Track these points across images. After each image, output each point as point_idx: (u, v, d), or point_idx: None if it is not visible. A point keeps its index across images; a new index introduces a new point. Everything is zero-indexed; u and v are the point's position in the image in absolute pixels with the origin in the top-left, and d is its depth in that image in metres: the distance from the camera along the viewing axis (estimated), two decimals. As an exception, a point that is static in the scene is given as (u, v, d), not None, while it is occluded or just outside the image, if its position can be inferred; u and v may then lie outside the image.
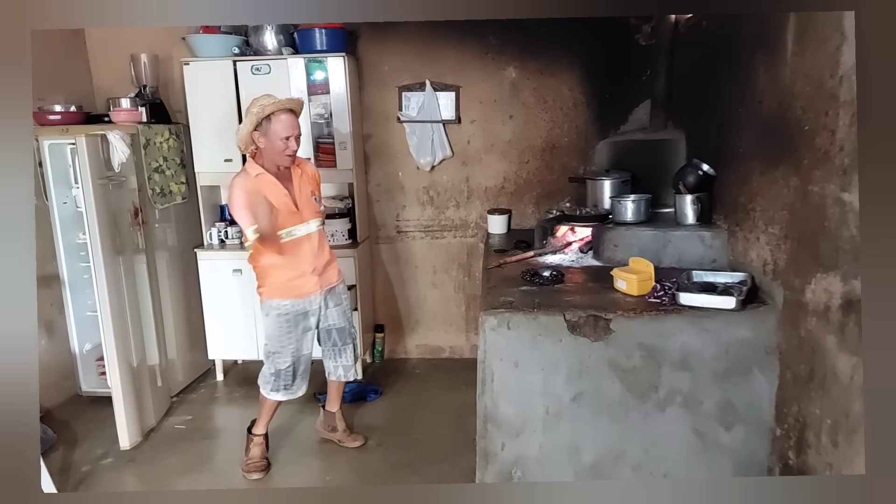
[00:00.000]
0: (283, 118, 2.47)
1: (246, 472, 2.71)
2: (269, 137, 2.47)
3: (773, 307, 1.97)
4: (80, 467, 2.80)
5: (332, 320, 2.75)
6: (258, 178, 2.51)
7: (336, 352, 2.81)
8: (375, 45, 3.65)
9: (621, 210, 2.63)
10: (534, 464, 2.09)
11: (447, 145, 3.71)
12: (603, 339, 1.99)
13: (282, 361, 2.65)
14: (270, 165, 2.55)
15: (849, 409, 1.56)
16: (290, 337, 2.64)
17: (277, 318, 2.62)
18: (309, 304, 2.66)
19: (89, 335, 3.39)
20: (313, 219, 2.64)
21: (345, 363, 2.84)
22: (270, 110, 2.45)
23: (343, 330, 2.80)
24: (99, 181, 2.78)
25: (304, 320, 2.66)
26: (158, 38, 3.64)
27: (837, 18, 1.58)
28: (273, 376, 2.67)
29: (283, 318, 2.62)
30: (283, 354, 2.64)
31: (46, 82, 3.37)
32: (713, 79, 2.58)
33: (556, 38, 3.57)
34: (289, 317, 2.62)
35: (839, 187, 1.58)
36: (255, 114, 2.45)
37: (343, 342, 2.81)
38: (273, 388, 2.69)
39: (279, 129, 2.46)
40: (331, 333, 2.77)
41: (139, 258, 3.11)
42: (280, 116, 2.46)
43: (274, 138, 2.47)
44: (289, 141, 2.48)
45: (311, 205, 2.64)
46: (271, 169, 2.55)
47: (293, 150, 2.51)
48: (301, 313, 2.64)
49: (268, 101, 2.48)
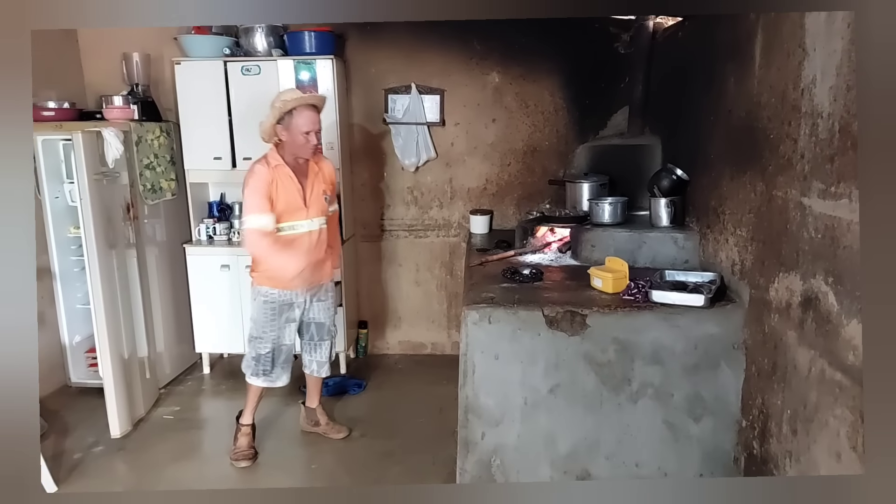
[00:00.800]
0: (306, 113, 2.54)
1: (234, 461, 2.77)
2: (291, 131, 2.54)
3: (740, 305, 2.08)
4: (72, 455, 2.84)
5: (314, 314, 2.82)
6: (276, 169, 2.58)
7: (312, 346, 2.88)
8: (363, 49, 3.73)
9: (599, 212, 2.74)
10: (512, 452, 2.18)
11: (431, 147, 3.80)
12: (579, 334, 2.09)
13: (262, 346, 2.72)
14: (290, 158, 2.62)
15: (806, 399, 1.67)
16: (273, 325, 2.71)
17: (263, 305, 2.69)
18: (295, 297, 2.72)
19: (79, 327, 3.42)
20: (318, 217, 2.71)
21: (318, 359, 2.90)
22: (292, 105, 2.52)
23: (322, 326, 2.86)
24: (94, 176, 2.81)
25: (289, 311, 2.73)
26: (150, 38, 3.67)
27: (800, 35, 1.70)
28: (254, 360, 2.74)
29: (269, 306, 2.69)
30: (264, 340, 2.72)
31: (39, 79, 3.37)
32: (688, 87, 2.70)
33: (539, 45, 3.67)
34: (274, 305, 2.69)
35: (800, 192, 1.70)
36: (278, 108, 2.53)
37: (320, 338, 2.87)
38: (253, 373, 2.76)
39: (300, 123, 2.53)
40: (310, 327, 2.84)
41: (130, 252, 3.15)
42: (302, 112, 2.53)
43: (295, 132, 2.54)
44: (309, 136, 2.55)
45: (320, 203, 2.71)
46: (290, 161, 2.62)
47: (314, 143, 2.58)
48: (286, 304, 2.71)
49: (290, 95, 2.56)
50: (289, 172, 2.60)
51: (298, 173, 2.64)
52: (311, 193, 2.68)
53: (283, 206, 2.59)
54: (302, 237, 2.67)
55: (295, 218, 2.63)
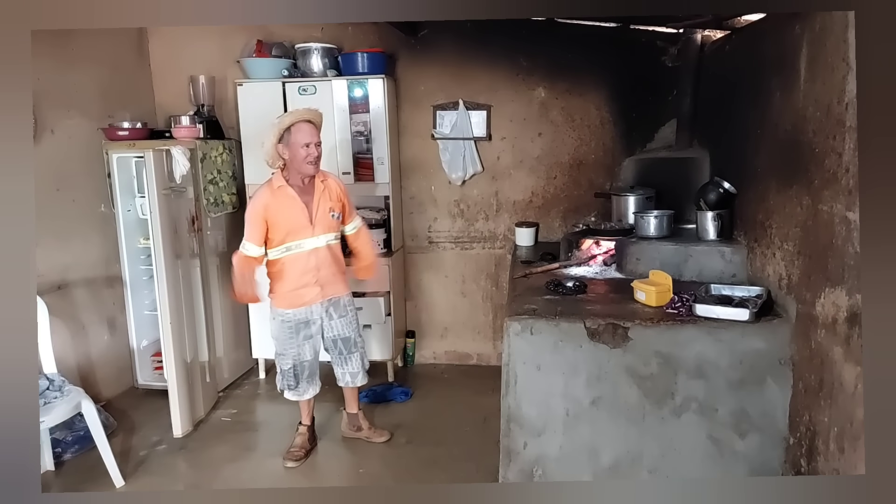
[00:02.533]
0: (303, 127, 2.64)
1: (284, 459, 2.90)
2: (291, 147, 2.63)
3: (787, 320, 2.05)
4: (138, 452, 3.04)
5: (337, 331, 2.90)
6: (278, 191, 2.69)
7: (342, 360, 2.97)
8: (412, 67, 3.86)
9: (644, 225, 2.74)
10: (554, 463, 2.20)
11: (478, 161, 3.87)
12: (621, 347, 2.11)
13: (284, 363, 2.85)
14: (295, 178, 2.72)
15: (853, 416, 1.65)
16: (292, 342, 2.82)
17: (281, 324, 2.81)
18: (310, 314, 2.82)
19: (146, 332, 3.65)
20: (325, 234, 2.79)
21: (351, 370, 2.98)
22: (289, 121, 2.65)
23: (348, 340, 2.93)
24: (163, 191, 3.03)
25: (306, 328, 2.83)
26: (214, 60, 3.92)
27: (843, 49, 1.69)
28: (280, 376, 2.89)
29: (286, 325, 2.81)
30: (285, 357, 2.84)
31: (115, 101, 3.67)
32: (735, 100, 2.68)
33: (585, 60, 3.71)
34: (290, 324, 2.80)
35: (845, 206, 1.68)
36: (275, 125, 2.66)
37: (349, 351, 2.95)
38: (281, 387, 2.92)
39: (299, 137, 2.62)
40: (336, 343, 2.93)
41: (194, 262, 3.36)
42: (299, 125, 2.64)
43: (295, 147, 2.63)
44: (309, 147, 2.63)
45: (327, 221, 2.78)
46: (296, 182, 2.72)
47: (314, 156, 2.65)
48: (302, 322, 2.82)
49: (286, 115, 2.71)
50: (291, 193, 2.70)
51: (304, 193, 2.73)
52: (317, 212, 2.75)
53: (288, 226, 2.69)
54: (308, 255, 2.76)
55: (301, 236, 2.72)
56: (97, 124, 3.50)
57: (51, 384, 2.64)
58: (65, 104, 3.31)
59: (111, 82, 3.65)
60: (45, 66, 3.17)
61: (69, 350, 3.26)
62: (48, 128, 3.20)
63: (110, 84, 3.64)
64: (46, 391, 2.60)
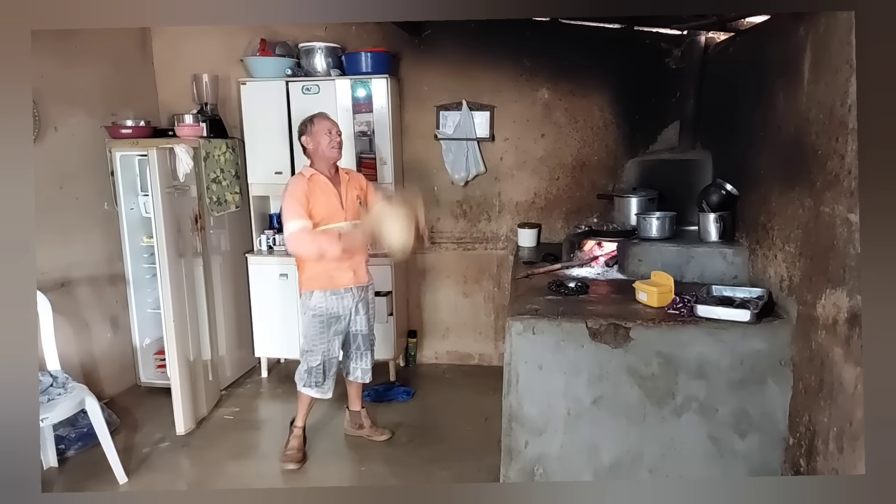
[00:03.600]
0: (323, 118, 2.84)
1: (282, 463, 2.90)
2: (315, 136, 2.80)
3: (788, 321, 2.06)
4: (141, 449, 3.06)
5: (360, 326, 2.97)
6: (312, 179, 2.79)
7: (359, 355, 3.03)
8: (416, 67, 3.87)
9: (646, 226, 2.75)
10: (555, 462, 2.22)
11: (481, 162, 3.89)
12: (622, 347, 2.12)
13: (313, 359, 2.87)
14: (322, 167, 2.83)
15: (852, 416, 1.66)
16: (322, 337, 2.86)
17: (312, 319, 2.84)
18: (342, 307, 2.86)
19: (149, 330, 3.67)
20: (354, 219, 2.87)
21: (363, 366, 3.05)
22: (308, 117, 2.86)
23: (367, 336, 3.02)
24: (166, 190, 3.04)
25: (336, 323, 2.87)
26: (218, 59, 3.93)
27: (846, 52, 1.70)
28: (306, 373, 2.90)
29: (318, 319, 2.84)
30: (315, 353, 2.87)
31: (119, 99, 3.69)
32: (738, 102, 2.69)
33: (588, 62, 3.72)
34: (322, 318, 2.84)
35: (846, 208, 1.69)
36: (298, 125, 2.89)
37: (366, 347, 3.03)
38: (306, 384, 2.92)
39: (320, 127, 2.80)
40: (356, 338, 2.99)
41: (197, 261, 3.37)
42: (320, 118, 2.84)
43: (319, 135, 2.79)
44: (332, 134, 2.80)
45: (355, 207, 2.90)
46: (323, 171, 2.83)
47: (337, 141, 2.82)
48: (333, 316, 2.86)
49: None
50: (324, 180, 2.82)
51: (333, 182, 2.85)
52: (347, 198, 2.87)
53: (324, 211, 2.77)
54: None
55: (335, 220, 2.81)
56: (100, 122, 3.51)
57: (54, 381, 2.66)
58: (68, 102, 3.32)
59: (115, 80, 3.67)
60: (48, 64, 3.18)
61: (73, 347, 3.28)
62: (51, 125, 3.21)
63: (114, 82, 3.66)
64: (50, 388, 2.61)
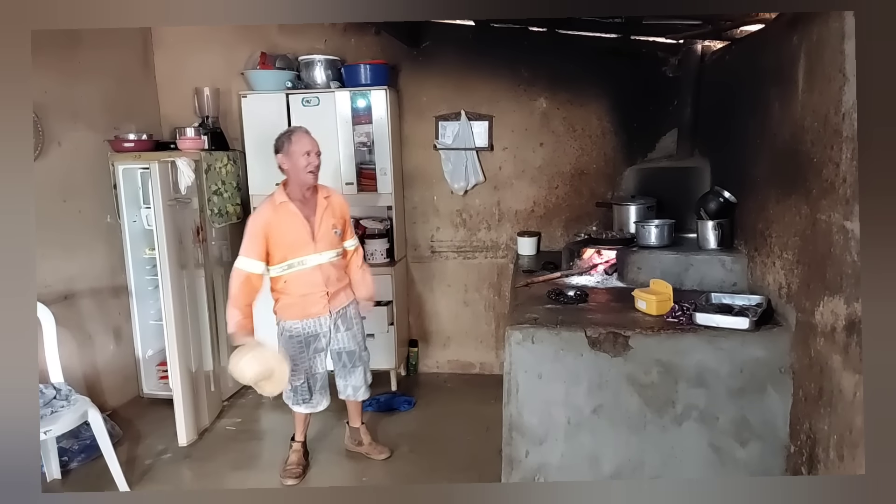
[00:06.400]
0: (303, 136, 2.65)
1: (282, 478, 2.87)
2: (291, 157, 2.62)
3: (787, 328, 2.07)
4: (144, 460, 3.06)
5: (342, 343, 2.87)
6: (280, 207, 2.65)
7: (346, 372, 2.94)
8: (415, 78, 3.90)
9: (645, 234, 2.76)
10: (556, 471, 2.21)
11: (480, 171, 3.90)
12: (622, 355, 2.12)
13: (296, 378, 2.79)
14: (296, 191, 2.68)
15: (852, 424, 1.66)
16: (303, 357, 2.79)
17: (290, 340, 2.78)
18: (319, 327, 2.79)
19: (151, 342, 3.68)
20: (328, 250, 2.75)
21: (354, 383, 2.96)
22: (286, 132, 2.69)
23: (353, 353, 2.91)
24: (168, 202, 3.07)
25: (315, 342, 2.80)
26: (219, 73, 3.97)
27: (840, 60, 1.72)
28: (292, 392, 2.85)
29: (295, 340, 2.78)
30: (297, 373, 2.79)
31: (121, 113, 3.72)
32: (735, 110, 2.70)
33: (586, 71, 3.74)
34: (300, 338, 2.78)
35: (842, 216, 1.70)
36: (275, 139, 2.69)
37: (353, 364, 2.93)
38: (294, 402, 2.88)
39: (298, 147, 2.62)
40: (341, 356, 2.91)
41: (199, 272, 3.39)
42: (300, 135, 2.65)
43: (296, 156, 2.62)
44: (310, 156, 2.62)
45: (329, 237, 2.75)
46: (297, 196, 2.68)
47: (315, 165, 2.64)
48: (312, 335, 2.79)
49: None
50: (293, 209, 2.66)
51: (305, 208, 2.70)
52: (320, 228, 2.72)
53: (290, 242, 2.66)
54: (312, 271, 2.72)
55: (303, 253, 2.69)
56: (103, 136, 3.54)
57: (57, 393, 2.67)
58: (71, 117, 3.36)
59: (117, 94, 3.70)
60: (51, 79, 3.22)
61: (75, 359, 3.29)
62: (55, 140, 3.24)
63: (116, 96, 3.69)
64: (53, 400, 2.62)
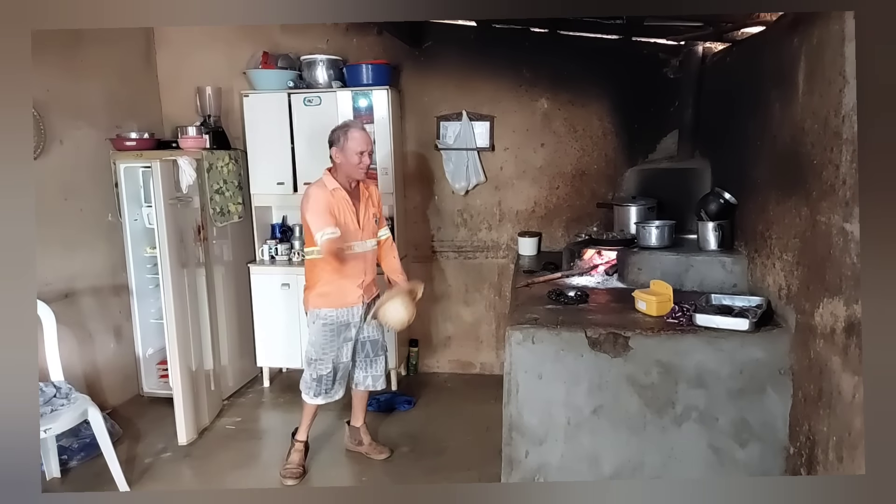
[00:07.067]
0: (358, 135, 2.72)
1: (282, 477, 2.88)
2: (346, 154, 2.70)
3: (787, 330, 2.07)
4: (144, 459, 3.07)
5: (368, 333, 2.93)
6: (334, 192, 2.73)
7: (368, 362, 2.98)
8: (416, 79, 3.90)
9: (646, 235, 2.76)
10: (556, 472, 2.22)
11: (481, 171, 3.91)
12: (622, 356, 2.13)
13: (323, 368, 2.85)
14: (344, 181, 2.76)
15: (851, 426, 1.66)
16: (332, 345, 2.84)
17: (322, 328, 2.82)
18: (351, 317, 2.85)
19: (152, 340, 3.68)
20: (370, 239, 2.86)
21: (374, 373, 3.01)
22: (343, 126, 2.76)
23: (376, 342, 2.98)
24: (169, 201, 3.07)
25: (346, 331, 2.86)
26: (221, 72, 3.97)
27: (840, 63, 1.72)
28: (315, 382, 2.86)
29: (328, 328, 2.82)
30: (324, 361, 2.84)
31: (123, 111, 3.73)
32: (736, 112, 2.71)
33: (587, 72, 3.74)
34: (332, 326, 2.82)
35: (842, 218, 1.70)
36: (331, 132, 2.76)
37: (375, 353, 2.99)
38: (315, 393, 2.89)
39: (353, 145, 2.69)
40: (365, 345, 2.95)
41: (200, 271, 3.39)
42: (354, 133, 2.71)
43: (350, 153, 2.70)
44: (363, 156, 2.71)
45: (372, 226, 2.86)
46: (344, 185, 2.77)
47: (366, 164, 2.74)
48: (344, 324, 2.84)
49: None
50: (345, 196, 2.75)
51: (352, 197, 2.79)
52: (364, 216, 2.82)
53: (341, 228, 2.71)
54: (357, 257, 2.80)
55: (351, 239, 2.76)
56: (105, 135, 3.55)
57: (58, 392, 2.67)
58: (73, 115, 3.36)
59: (119, 93, 3.71)
60: (53, 77, 3.22)
61: (76, 358, 3.29)
62: (57, 139, 3.25)
63: (118, 95, 3.70)
64: (53, 398, 2.63)
